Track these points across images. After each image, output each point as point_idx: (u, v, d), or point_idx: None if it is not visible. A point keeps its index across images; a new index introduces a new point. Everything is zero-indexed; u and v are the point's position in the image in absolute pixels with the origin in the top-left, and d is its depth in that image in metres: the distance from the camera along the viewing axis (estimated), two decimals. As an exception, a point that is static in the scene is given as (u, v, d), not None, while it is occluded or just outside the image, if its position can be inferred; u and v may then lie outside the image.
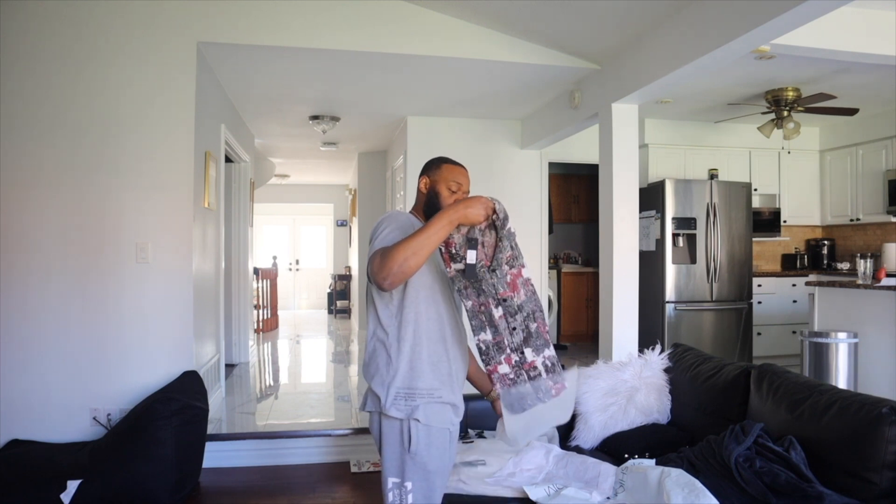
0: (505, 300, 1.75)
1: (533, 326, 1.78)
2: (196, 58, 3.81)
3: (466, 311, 1.80)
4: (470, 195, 1.85)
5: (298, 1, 3.88)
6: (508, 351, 1.78)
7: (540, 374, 1.80)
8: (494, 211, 1.76)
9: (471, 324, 1.79)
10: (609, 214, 4.28)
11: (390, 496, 1.85)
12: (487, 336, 1.78)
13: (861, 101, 5.50)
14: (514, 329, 1.77)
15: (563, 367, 1.84)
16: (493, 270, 1.74)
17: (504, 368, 1.80)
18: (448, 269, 1.79)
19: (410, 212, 2.02)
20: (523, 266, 1.78)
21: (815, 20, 2.85)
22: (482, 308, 1.77)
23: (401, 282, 1.70)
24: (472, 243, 1.75)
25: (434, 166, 2.00)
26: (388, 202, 7.87)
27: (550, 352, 1.82)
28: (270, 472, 3.74)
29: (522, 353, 1.79)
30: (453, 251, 1.77)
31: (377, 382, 1.85)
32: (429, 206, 1.97)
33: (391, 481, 1.85)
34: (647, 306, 5.20)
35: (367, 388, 1.92)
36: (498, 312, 1.76)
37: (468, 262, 1.73)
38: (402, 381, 1.83)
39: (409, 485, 1.83)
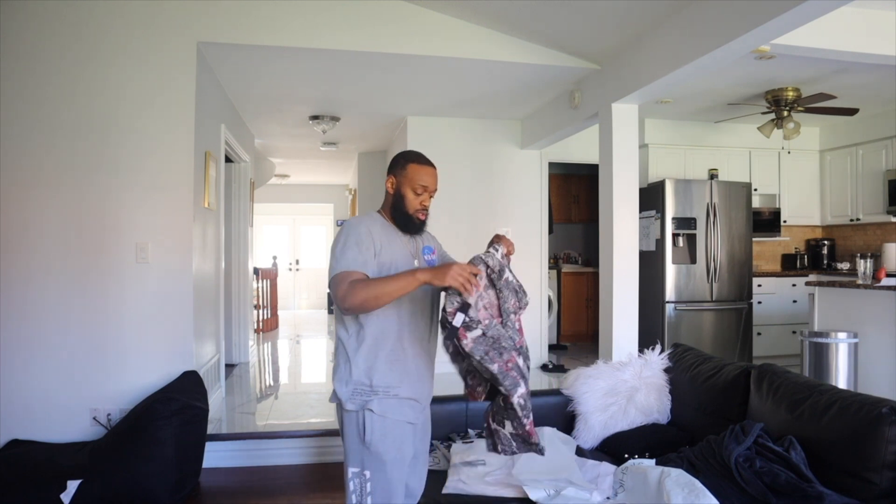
0: (521, 348, 1.76)
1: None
2: (196, 58, 3.81)
3: (495, 374, 1.72)
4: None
5: (298, 1, 3.88)
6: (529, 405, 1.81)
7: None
8: (489, 267, 1.76)
9: (503, 385, 1.73)
10: (609, 214, 4.27)
11: (351, 485, 1.90)
12: (524, 389, 1.75)
13: (861, 101, 5.50)
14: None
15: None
16: (505, 323, 1.75)
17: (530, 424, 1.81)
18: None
19: (379, 211, 2.03)
20: (527, 304, 1.83)
21: (815, 20, 2.85)
22: (509, 364, 1.72)
23: (360, 313, 1.82)
24: (464, 307, 1.71)
25: (399, 166, 1.98)
26: (388, 202, 7.85)
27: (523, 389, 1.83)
28: (270, 472, 3.73)
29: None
30: (449, 322, 1.74)
31: (337, 378, 1.92)
32: (395, 209, 1.98)
33: (351, 471, 1.90)
34: (647, 306, 5.19)
35: None
36: (521, 362, 1.75)
37: (454, 323, 1.70)
38: (359, 377, 1.88)
39: (367, 473, 1.88)
